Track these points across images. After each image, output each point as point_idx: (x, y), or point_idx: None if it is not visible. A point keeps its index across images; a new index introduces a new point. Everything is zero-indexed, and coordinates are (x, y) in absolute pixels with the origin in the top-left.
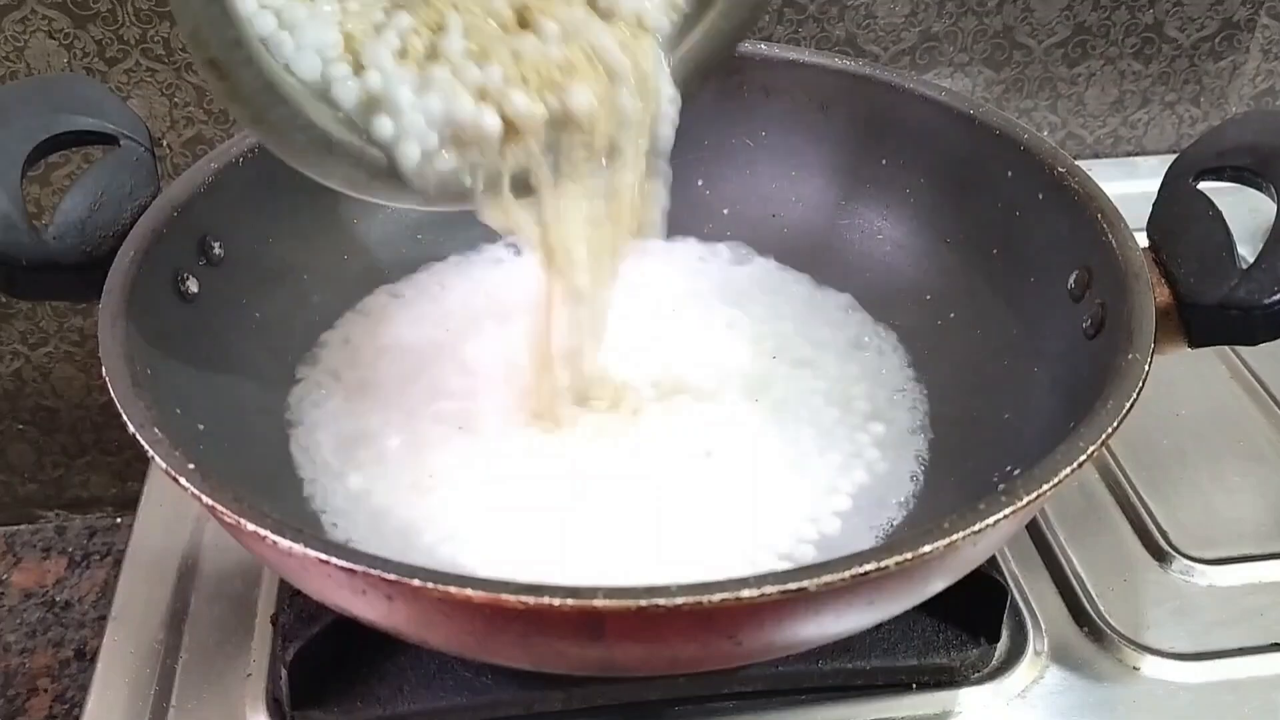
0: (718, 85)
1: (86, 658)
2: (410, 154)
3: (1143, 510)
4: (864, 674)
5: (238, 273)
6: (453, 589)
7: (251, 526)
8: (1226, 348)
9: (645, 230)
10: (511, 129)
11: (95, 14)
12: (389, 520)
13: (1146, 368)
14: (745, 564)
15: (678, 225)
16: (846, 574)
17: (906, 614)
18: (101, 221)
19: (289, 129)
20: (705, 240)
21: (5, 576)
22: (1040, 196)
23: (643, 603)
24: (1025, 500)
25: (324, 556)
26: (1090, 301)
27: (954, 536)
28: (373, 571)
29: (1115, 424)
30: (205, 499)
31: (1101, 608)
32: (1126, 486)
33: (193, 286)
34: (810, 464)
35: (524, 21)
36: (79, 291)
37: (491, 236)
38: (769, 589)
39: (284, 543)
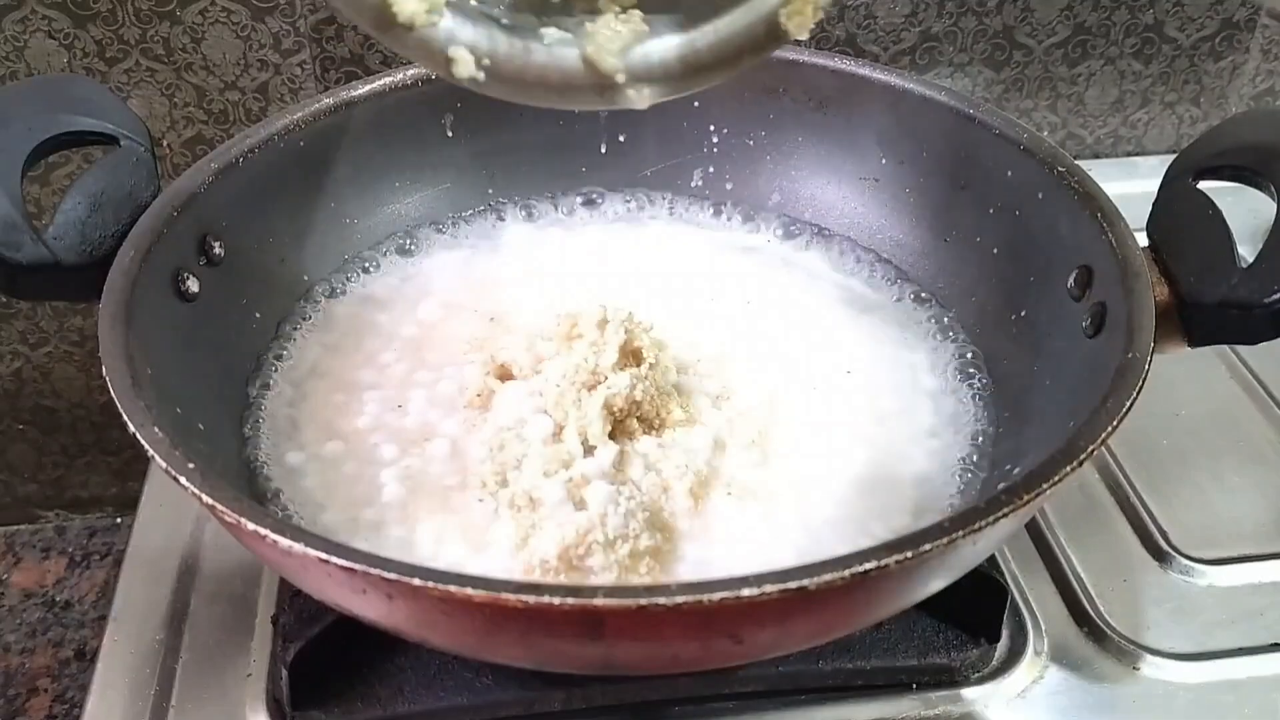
0: (721, 84)
1: (86, 658)
2: None
3: (1143, 510)
4: (864, 674)
5: (238, 273)
6: (453, 588)
7: (251, 526)
8: (1226, 347)
9: None
10: None
11: (95, 14)
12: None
13: (1146, 367)
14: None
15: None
16: (846, 573)
17: (906, 614)
18: (101, 221)
19: None
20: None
21: (5, 576)
22: (1040, 196)
23: (643, 601)
24: (1025, 500)
25: (324, 556)
26: (1090, 301)
27: (953, 535)
28: (373, 571)
29: (1115, 424)
30: (205, 499)
31: (1101, 608)
32: (1126, 486)
33: (193, 286)
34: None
35: None
36: (79, 291)
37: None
38: (769, 588)
39: (284, 542)
